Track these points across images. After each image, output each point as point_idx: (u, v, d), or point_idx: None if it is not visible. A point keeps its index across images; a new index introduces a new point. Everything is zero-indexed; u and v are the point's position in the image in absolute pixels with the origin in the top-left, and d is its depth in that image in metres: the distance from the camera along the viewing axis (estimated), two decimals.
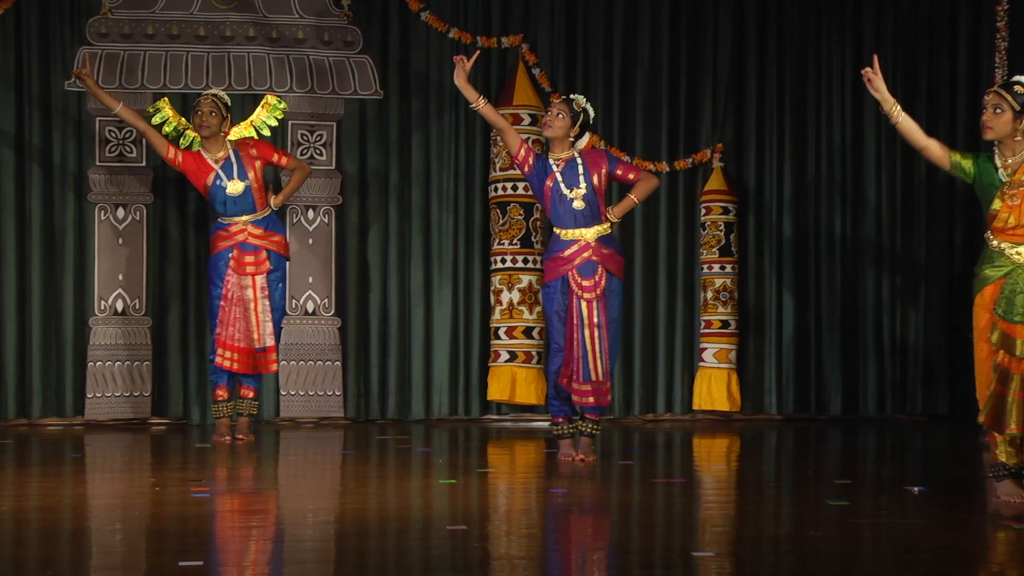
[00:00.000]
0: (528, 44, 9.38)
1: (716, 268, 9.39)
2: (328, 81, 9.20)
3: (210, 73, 9.03)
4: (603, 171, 6.78)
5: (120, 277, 8.94)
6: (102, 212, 8.95)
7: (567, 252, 6.76)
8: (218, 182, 7.77)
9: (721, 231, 9.39)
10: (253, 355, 7.85)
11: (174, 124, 8.29)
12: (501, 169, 9.10)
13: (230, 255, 7.80)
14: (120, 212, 8.96)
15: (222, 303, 7.79)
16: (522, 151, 6.82)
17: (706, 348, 9.42)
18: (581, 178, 6.76)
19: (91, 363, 8.87)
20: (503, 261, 9.13)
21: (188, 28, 9.07)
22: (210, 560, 4.24)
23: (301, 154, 9.14)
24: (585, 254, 6.76)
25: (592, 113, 6.88)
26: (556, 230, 6.82)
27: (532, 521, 5.21)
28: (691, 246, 9.60)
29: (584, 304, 6.76)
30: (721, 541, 4.70)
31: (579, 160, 6.81)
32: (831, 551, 4.47)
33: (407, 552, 4.51)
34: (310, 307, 9.20)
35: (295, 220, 9.17)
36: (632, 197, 6.82)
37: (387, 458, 7.12)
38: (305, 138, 9.20)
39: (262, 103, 8.50)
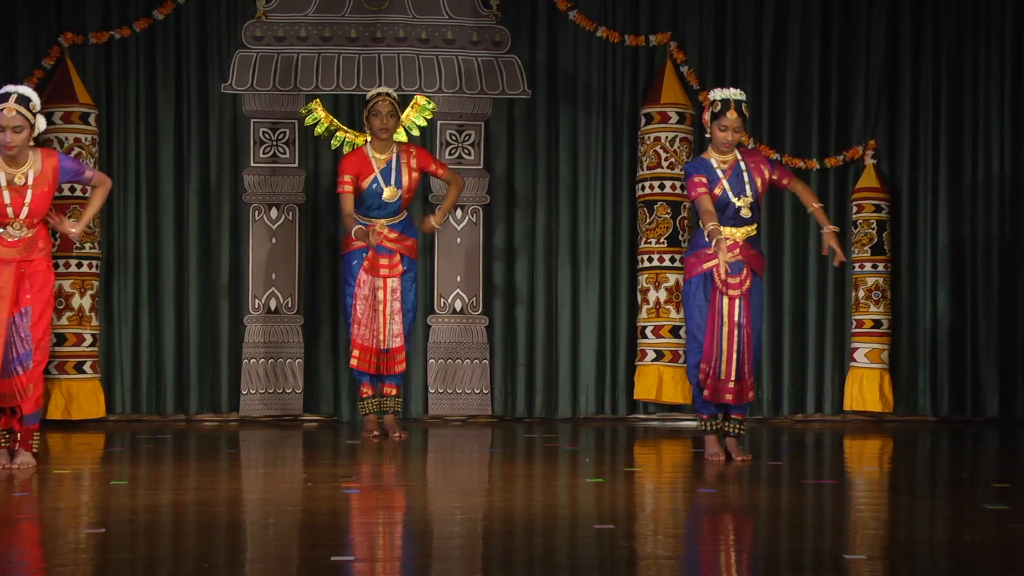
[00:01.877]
0: (676, 42, 9.32)
1: (868, 267, 9.23)
2: (476, 81, 9.26)
3: (361, 74, 9.15)
4: (765, 176, 6.76)
5: (273, 276, 9.12)
6: (256, 212, 9.14)
7: (711, 249, 6.69)
8: (374, 186, 7.86)
9: (873, 229, 9.22)
10: (378, 355, 7.92)
11: (326, 125, 8.42)
12: (648, 167, 9.06)
13: (364, 255, 7.88)
14: (273, 212, 9.13)
15: (355, 302, 7.88)
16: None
17: (857, 348, 9.26)
18: (747, 186, 6.73)
19: (245, 360, 9.06)
20: (650, 260, 9.09)
21: (340, 30, 9.21)
22: (360, 555, 4.30)
23: (449, 154, 9.21)
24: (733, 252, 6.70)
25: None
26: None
27: (679, 521, 5.18)
28: (842, 244, 9.43)
29: (727, 301, 6.70)
30: (873, 544, 4.62)
31: (742, 164, 6.77)
32: (988, 557, 4.36)
33: (554, 550, 4.52)
34: (458, 306, 9.27)
35: (444, 219, 9.23)
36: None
37: (534, 456, 7.15)
38: (453, 138, 9.27)
39: (411, 104, 8.58)
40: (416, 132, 8.46)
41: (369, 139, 7.98)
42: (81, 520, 4.99)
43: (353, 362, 7.92)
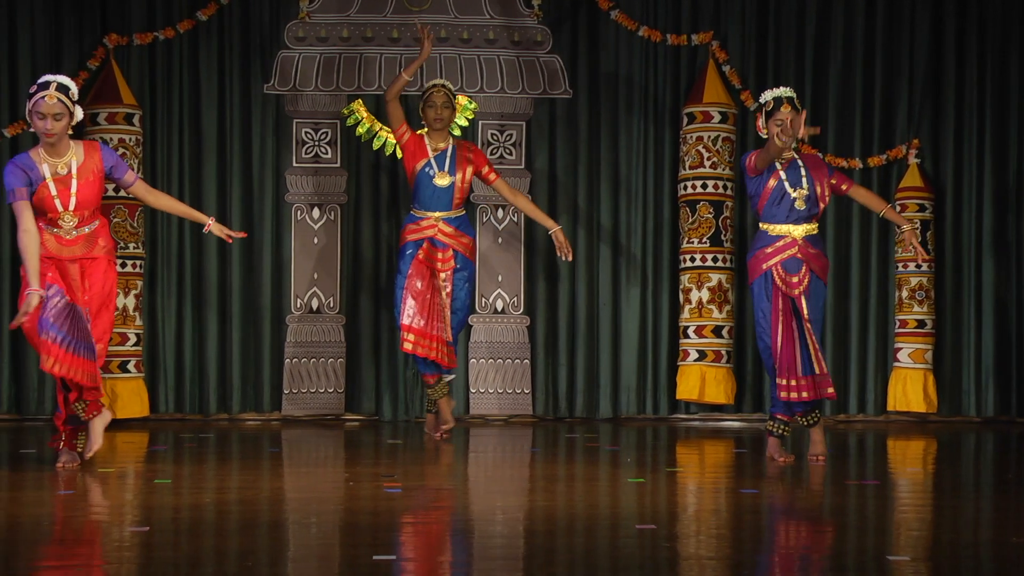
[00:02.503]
0: (718, 41, 9.29)
1: (912, 266, 9.16)
2: (518, 81, 9.27)
3: None
4: (825, 180, 6.77)
5: (315, 276, 9.15)
6: (298, 212, 9.18)
7: (770, 248, 6.72)
8: (427, 169, 7.89)
9: (917, 228, 9.16)
10: (440, 343, 7.83)
11: (367, 125, 8.45)
12: (690, 167, 9.04)
13: (420, 246, 7.87)
14: (315, 212, 9.17)
15: (406, 291, 7.82)
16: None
17: (901, 348, 9.20)
18: (804, 179, 6.73)
19: (287, 360, 9.10)
20: (692, 260, 9.06)
21: (382, 30, 9.24)
22: (402, 555, 4.31)
23: (491, 154, 9.22)
24: (791, 251, 6.70)
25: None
26: (764, 226, 6.78)
27: (721, 521, 5.17)
28: (885, 244, 9.39)
29: (784, 300, 6.68)
30: (917, 545, 4.59)
31: (800, 161, 6.78)
32: None
33: (595, 550, 4.51)
34: (499, 305, 9.28)
35: (485, 219, 9.26)
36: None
37: (575, 456, 7.14)
38: (495, 138, 9.28)
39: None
40: (457, 132, 8.47)
41: (425, 131, 8.01)
42: (125, 518, 5.03)
43: (408, 346, 7.81)
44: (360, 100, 8.65)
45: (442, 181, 7.87)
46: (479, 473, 6.83)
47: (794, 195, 6.72)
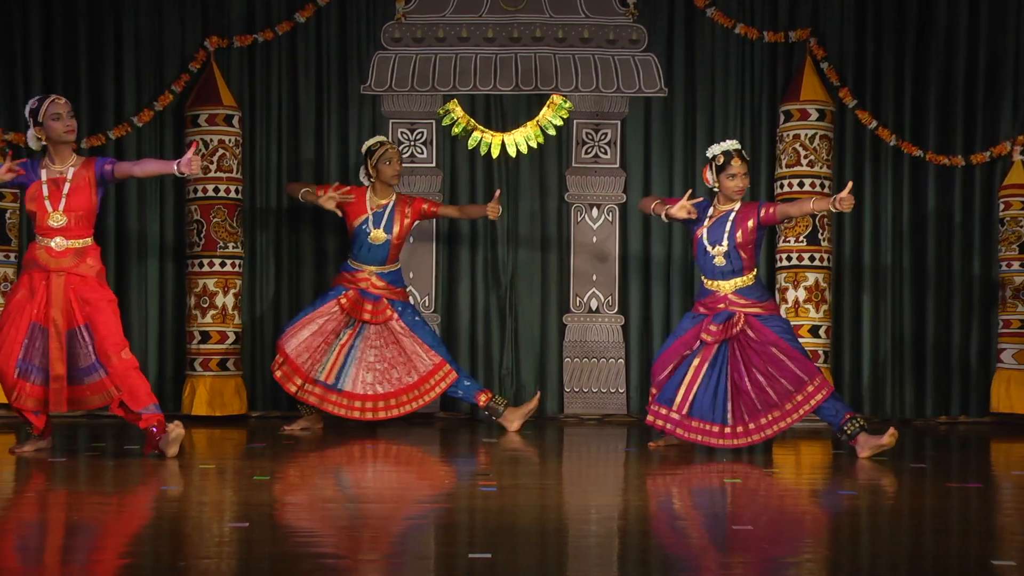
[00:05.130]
0: (816, 38, 9.19)
1: (1016, 265, 9.00)
2: (613, 80, 9.24)
3: (498, 74, 9.20)
4: (752, 221, 7.03)
5: (410, 275, 9.18)
6: None
7: (703, 299, 7.20)
8: (363, 226, 8.13)
9: (1021, 227, 8.99)
10: (315, 385, 8.11)
11: (463, 125, 8.49)
12: (787, 165, 8.95)
13: (344, 292, 8.15)
14: None
15: (308, 321, 8.12)
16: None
17: (1004, 349, 9.03)
18: (726, 236, 7.03)
19: None
20: (788, 259, 8.98)
21: (477, 30, 9.26)
22: (497, 553, 4.32)
23: (585, 153, 9.21)
24: (720, 305, 7.08)
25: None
26: (701, 276, 7.24)
27: (818, 523, 5.11)
28: (988, 243, 9.23)
29: (704, 348, 7.10)
30: (1022, 550, 4.50)
31: (732, 215, 7.09)
32: None
33: (690, 551, 4.49)
34: (593, 304, 9.27)
35: (580, 218, 9.25)
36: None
37: (669, 456, 7.11)
38: (589, 137, 9.27)
39: (547, 103, 8.60)
40: (552, 131, 8.48)
41: (372, 184, 8.24)
42: (225, 514, 5.09)
43: (278, 373, 8.09)
44: (455, 100, 8.69)
45: (377, 238, 8.09)
46: (573, 472, 6.82)
47: (712, 252, 7.04)
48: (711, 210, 7.14)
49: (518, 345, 9.25)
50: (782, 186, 9.01)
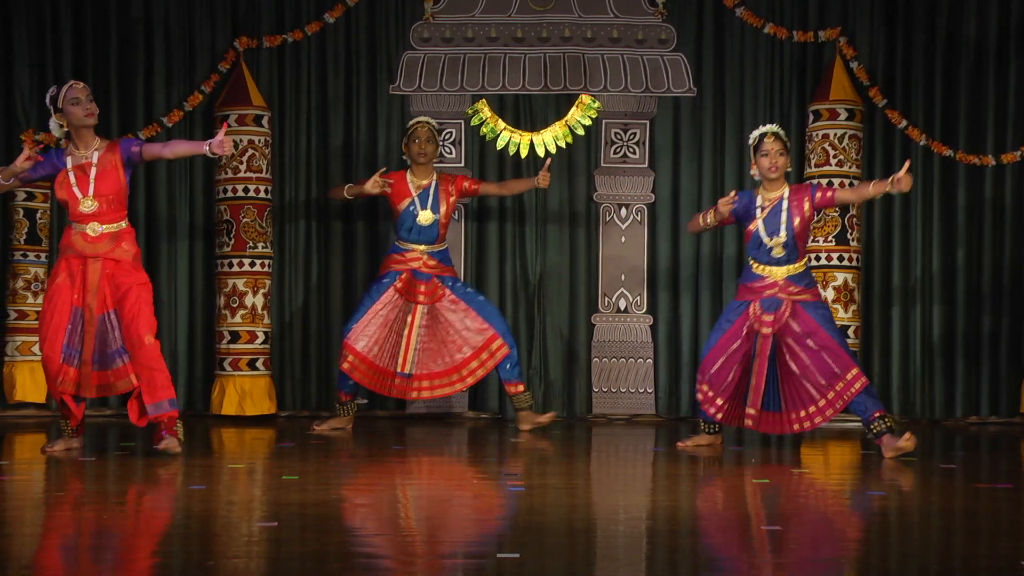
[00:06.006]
0: (846, 37, 9.16)
1: None
2: (642, 79, 9.24)
3: (526, 74, 9.20)
4: (808, 207, 6.91)
5: None
6: None
7: (751, 284, 7.09)
8: (411, 208, 8.06)
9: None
10: (386, 376, 8.06)
11: (491, 125, 8.49)
12: (816, 165, 8.92)
13: (399, 276, 8.09)
14: None
15: (369, 315, 8.04)
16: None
17: None
18: (783, 226, 6.94)
19: None
20: (817, 259, 8.95)
21: (506, 30, 9.27)
22: (526, 553, 4.32)
23: (614, 153, 9.21)
24: (771, 291, 7.01)
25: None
26: (749, 260, 7.15)
27: (848, 523, 5.10)
28: (1018, 242, 9.18)
29: (760, 337, 7.02)
30: None
31: (785, 203, 7.02)
32: None
33: (720, 551, 4.48)
34: (622, 305, 9.26)
35: (608, 218, 9.25)
36: None
37: (698, 456, 7.10)
38: (618, 136, 9.26)
39: (576, 103, 8.60)
40: (581, 131, 8.48)
41: (410, 166, 8.19)
42: (254, 514, 5.11)
43: (346, 366, 8.03)
44: (484, 100, 8.70)
45: (426, 219, 7.99)
46: (602, 472, 6.82)
47: (770, 244, 6.93)
48: (759, 200, 7.06)
49: (546, 345, 9.25)
50: None
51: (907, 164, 6.71)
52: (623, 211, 9.25)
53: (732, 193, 7.04)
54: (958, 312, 9.20)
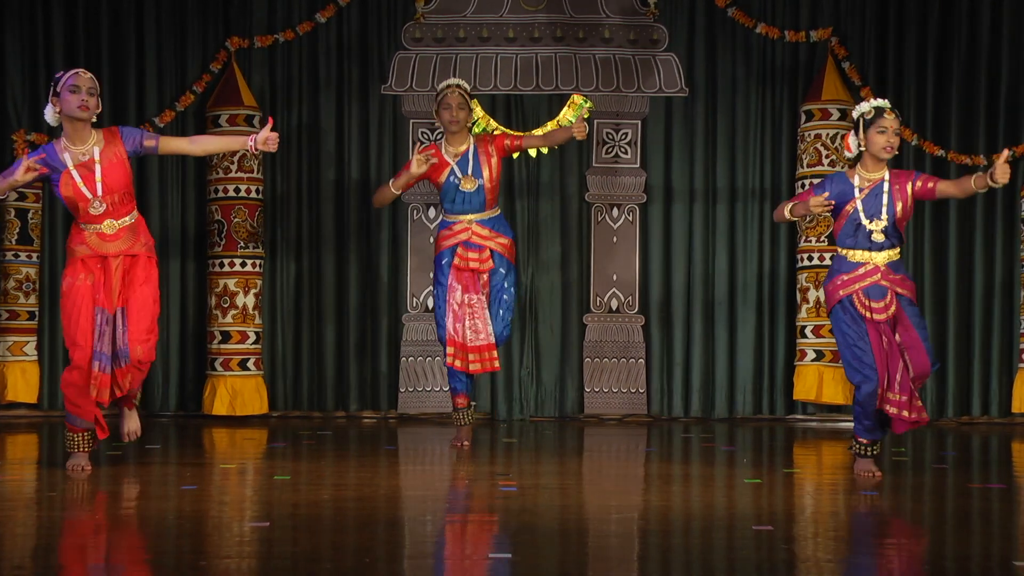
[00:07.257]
0: (837, 37, 9.17)
1: None
2: (633, 79, 9.24)
3: (518, 74, 9.20)
4: (909, 193, 6.26)
5: (431, 274, 9.18)
6: (414, 212, 9.26)
7: (847, 276, 6.27)
8: (451, 178, 7.47)
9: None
10: (468, 351, 7.44)
11: (483, 125, 8.48)
12: (808, 165, 8.93)
13: (455, 251, 7.46)
14: (431, 212, 9.24)
15: (449, 301, 7.42)
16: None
17: None
18: (884, 209, 6.19)
19: (403, 358, 9.18)
20: (810, 259, 8.96)
21: (498, 30, 9.27)
22: (518, 554, 4.32)
23: (606, 153, 9.21)
24: (872, 278, 6.21)
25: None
26: (842, 251, 6.34)
27: (840, 523, 5.10)
28: (1010, 242, 9.20)
29: (872, 326, 6.20)
30: None
31: (886, 185, 6.20)
32: None
33: (711, 551, 4.48)
34: (614, 305, 9.26)
35: (600, 218, 9.25)
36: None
37: (691, 456, 7.10)
38: (610, 136, 9.26)
39: (568, 102, 8.56)
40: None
41: (443, 136, 7.63)
42: (246, 514, 5.10)
43: (449, 359, 7.44)
44: (476, 100, 8.68)
45: (468, 186, 7.48)
46: (594, 472, 6.82)
47: (870, 227, 6.20)
48: (856, 180, 6.25)
49: (538, 345, 9.25)
50: (803, 185, 8.99)
51: (1005, 154, 6.11)
52: (615, 211, 9.26)
53: (824, 197, 6.27)
54: (949, 312, 9.21)
